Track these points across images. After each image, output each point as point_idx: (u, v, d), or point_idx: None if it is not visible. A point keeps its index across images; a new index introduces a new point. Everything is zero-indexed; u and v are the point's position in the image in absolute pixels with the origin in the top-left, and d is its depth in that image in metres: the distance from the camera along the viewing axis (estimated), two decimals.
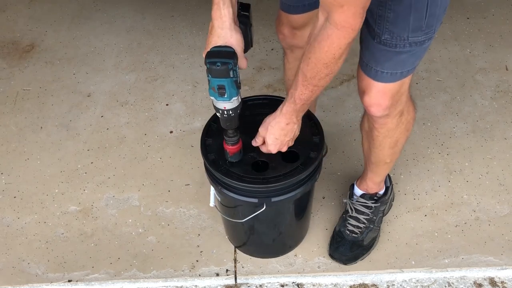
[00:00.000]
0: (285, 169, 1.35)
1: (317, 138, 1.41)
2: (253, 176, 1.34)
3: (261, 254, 1.67)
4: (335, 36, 1.05)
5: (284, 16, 1.49)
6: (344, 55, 1.10)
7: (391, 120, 1.37)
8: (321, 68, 1.12)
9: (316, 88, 1.18)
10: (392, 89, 1.28)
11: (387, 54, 1.21)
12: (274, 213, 1.49)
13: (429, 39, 1.19)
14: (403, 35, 1.16)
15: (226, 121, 1.27)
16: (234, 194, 1.37)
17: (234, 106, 1.23)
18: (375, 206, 1.66)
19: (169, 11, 2.68)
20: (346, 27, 1.03)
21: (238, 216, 1.48)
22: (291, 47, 1.56)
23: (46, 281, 1.64)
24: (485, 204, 1.80)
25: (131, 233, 1.76)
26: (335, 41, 1.06)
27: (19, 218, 1.81)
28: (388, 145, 1.46)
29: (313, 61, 1.11)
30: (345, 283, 1.64)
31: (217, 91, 1.18)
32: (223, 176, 1.34)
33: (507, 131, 2.03)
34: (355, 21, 1.02)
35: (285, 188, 1.36)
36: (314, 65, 1.12)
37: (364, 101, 1.33)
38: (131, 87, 2.28)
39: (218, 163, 1.37)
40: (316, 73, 1.13)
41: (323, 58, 1.09)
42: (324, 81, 1.16)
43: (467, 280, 1.63)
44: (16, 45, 2.51)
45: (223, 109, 1.23)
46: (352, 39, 1.06)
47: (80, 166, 1.97)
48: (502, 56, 2.34)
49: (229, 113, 1.24)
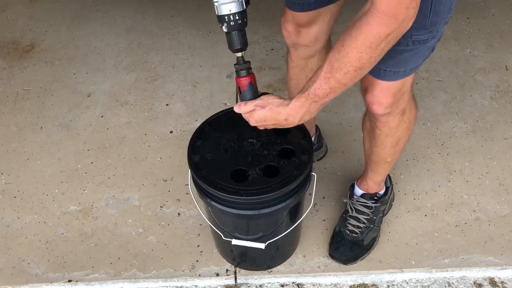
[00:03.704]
0: (264, 184, 1.29)
1: (305, 156, 1.35)
2: (231, 185, 1.30)
3: (252, 267, 1.66)
4: (375, 23, 0.99)
5: (290, 14, 1.48)
6: (379, 49, 1.03)
7: (393, 118, 1.36)
8: (352, 58, 1.05)
9: (337, 85, 1.10)
10: (395, 88, 1.27)
11: (390, 52, 1.19)
12: (258, 226, 1.46)
13: (433, 38, 1.18)
14: (407, 33, 1.14)
15: (234, 34, 1.17)
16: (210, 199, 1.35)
17: (240, 10, 1.14)
18: (375, 206, 1.66)
19: (169, 11, 2.68)
20: (389, 15, 0.98)
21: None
22: (295, 45, 1.56)
23: (46, 281, 1.64)
24: (485, 204, 1.80)
25: (131, 233, 1.76)
26: (374, 28, 1.00)
27: (19, 218, 1.81)
28: (390, 143, 1.46)
29: (346, 49, 1.04)
30: (345, 283, 1.64)
31: None
32: (201, 181, 1.32)
33: (507, 131, 2.03)
34: (400, 11, 0.97)
35: (263, 202, 1.31)
36: (346, 54, 1.05)
37: (367, 99, 1.33)
38: (131, 87, 2.28)
39: (201, 166, 1.34)
40: (344, 64, 1.06)
41: (358, 46, 1.03)
42: (349, 78, 1.08)
43: (467, 280, 1.63)
44: (16, 45, 2.51)
45: (229, 13, 1.14)
46: (393, 31, 1.00)
47: (80, 166, 1.97)
48: (502, 56, 2.34)
49: (236, 19, 1.15)
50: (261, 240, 1.45)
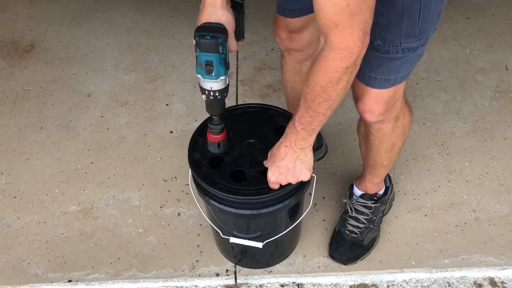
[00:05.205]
0: (263, 184, 1.30)
1: None
2: (230, 185, 1.30)
3: (252, 266, 1.66)
4: (330, 58, 1.02)
5: (281, 20, 1.48)
6: (342, 81, 1.05)
7: (386, 125, 1.36)
8: (318, 91, 1.08)
9: (315, 114, 1.14)
10: (386, 96, 1.27)
11: (380, 60, 1.19)
12: (259, 225, 1.46)
13: (423, 45, 1.18)
14: (395, 41, 1.15)
15: (211, 105, 1.21)
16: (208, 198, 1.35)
17: (221, 88, 1.18)
18: (375, 206, 1.66)
19: (169, 11, 2.68)
20: (342, 49, 0.99)
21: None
22: (288, 50, 1.56)
23: (46, 281, 1.64)
24: (485, 204, 1.80)
25: (131, 233, 1.76)
26: (330, 63, 1.02)
27: (19, 218, 1.81)
28: (385, 149, 1.46)
29: (311, 83, 1.08)
30: (345, 283, 1.64)
31: (204, 67, 1.13)
32: (200, 179, 1.32)
33: (507, 131, 2.03)
34: (353, 44, 0.98)
35: (262, 202, 1.32)
36: (312, 88, 1.09)
37: (358, 107, 1.33)
38: (131, 87, 2.28)
39: (201, 164, 1.35)
40: (314, 96, 1.10)
41: (320, 80, 1.06)
42: (324, 108, 1.12)
43: (467, 280, 1.63)
44: (16, 45, 2.51)
45: (210, 89, 1.18)
46: (350, 63, 1.02)
47: (80, 166, 1.97)
48: (502, 56, 2.34)
49: (216, 95, 1.18)
50: (259, 239, 1.45)
